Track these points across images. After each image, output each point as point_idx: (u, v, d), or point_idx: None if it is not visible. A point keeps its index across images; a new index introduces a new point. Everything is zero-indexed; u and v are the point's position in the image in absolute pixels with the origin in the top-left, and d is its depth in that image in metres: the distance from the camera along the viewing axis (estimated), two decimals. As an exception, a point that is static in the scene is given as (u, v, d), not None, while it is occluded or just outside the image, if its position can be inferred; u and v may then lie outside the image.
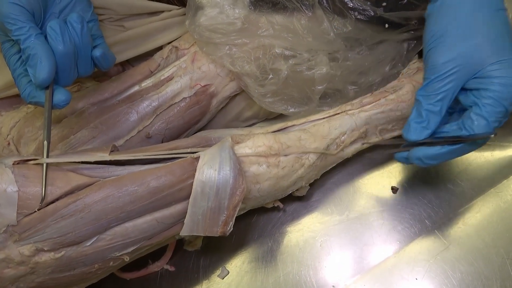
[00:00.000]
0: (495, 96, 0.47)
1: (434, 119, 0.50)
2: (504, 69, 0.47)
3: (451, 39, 0.49)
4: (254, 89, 0.61)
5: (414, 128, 0.51)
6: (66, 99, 0.50)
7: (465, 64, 0.48)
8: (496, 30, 0.48)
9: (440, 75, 0.49)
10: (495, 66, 0.48)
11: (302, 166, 0.56)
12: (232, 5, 0.59)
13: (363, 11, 0.59)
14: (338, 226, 0.63)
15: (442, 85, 0.49)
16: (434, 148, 0.51)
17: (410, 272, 0.59)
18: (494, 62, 0.48)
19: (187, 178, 0.50)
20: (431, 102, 0.50)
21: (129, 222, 0.50)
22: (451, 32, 0.49)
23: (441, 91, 0.49)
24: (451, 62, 0.49)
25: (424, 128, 0.51)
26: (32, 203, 0.46)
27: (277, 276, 0.60)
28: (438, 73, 0.49)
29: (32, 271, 0.48)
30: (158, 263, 0.62)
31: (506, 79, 0.47)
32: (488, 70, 0.48)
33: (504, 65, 0.48)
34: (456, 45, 0.49)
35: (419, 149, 0.52)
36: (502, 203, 0.62)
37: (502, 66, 0.48)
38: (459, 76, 0.49)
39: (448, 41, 0.49)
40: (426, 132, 0.51)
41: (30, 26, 0.48)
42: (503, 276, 0.57)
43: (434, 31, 0.50)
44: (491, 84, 0.48)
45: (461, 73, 0.49)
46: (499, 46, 0.48)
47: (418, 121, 0.51)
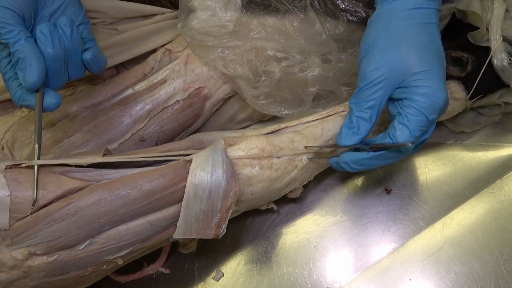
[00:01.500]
0: (417, 106, 0.49)
1: (364, 125, 0.51)
2: (426, 79, 0.49)
3: (380, 48, 0.50)
4: (247, 91, 0.61)
5: (345, 134, 0.52)
6: (56, 102, 0.50)
7: (391, 73, 0.49)
8: (423, 42, 0.50)
9: (368, 83, 0.50)
10: (418, 76, 0.49)
11: (295, 168, 0.56)
12: (223, 8, 0.59)
13: (355, 13, 0.59)
14: (332, 227, 0.63)
15: (371, 93, 0.50)
16: (360, 154, 0.52)
17: (404, 273, 0.59)
18: (417, 72, 0.49)
19: (180, 181, 0.51)
20: (361, 109, 0.51)
21: (122, 225, 0.50)
22: (380, 42, 0.50)
23: (370, 98, 0.50)
24: (378, 70, 0.50)
25: (355, 133, 0.52)
26: (24, 207, 0.46)
27: (271, 277, 0.60)
28: (367, 81, 0.50)
29: (25, 275, 0.48)
30: (153, 266, 0.63)
31: (427, 89, 0.48)
32: (412, 80, 0.49)
33: (427, 75, 0.49)
34: (383, 55, 0.50)
35: (347, 153, 0.53)
36: (496, 203, 0.62)
37: (425, 76, 0.49)
38: (386, 84, 0.50)
39: (377, 51, 0.50)
40: (356, 138, 0.52)
41: (19, 30, 0.48)
42: (497, 276, 0.57)
43: (366, 41, 0.52)
44: (413, 94, 0.49)
45: (387, 81, 0.50)
46: (424, 57, 0.49)
47: (349, 127, 0.52)
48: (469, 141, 0.67)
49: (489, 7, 0.58)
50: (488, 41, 0.59)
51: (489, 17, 0.58)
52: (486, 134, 0.67)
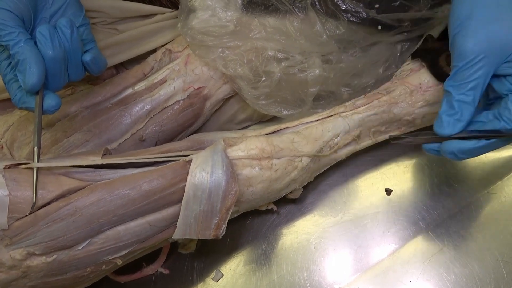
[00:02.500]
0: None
1: (467, 109, 0.46)
2: None
3: (478, 21, 0.45)
4: (247, 92, 0.61)
5: (446, 122, 0.47)
6: (56, 104, 0.50)
7: (494, 47, 0.45)
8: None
9: (468, 61, 0.45)
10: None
11: (295, 168, 0.56)
12: (224, 8, 0.59)
13: (355, 13, 0.59)
14: (332, 228, 0.63)
15: (472, 72, 0.45)
16: (470, 143, 0.47)
17: (404, 274, 0.58)
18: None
19: (179, 181, 0.50)
20: (462, 91, 0.46)
21: (121, 225, 0.50)
22: (477, 14, 0.45)
23: (472, 79, 0.45)
24: (478, 46, 0.45)
25: (458, 120, 0.47)
26: (23, 207, 0.46)
27: (271, 278, 0.60)
28: (466, 59, 0.45)
29: (24, 275, 0.48)
30: (153, 266, 0.62)
31: None
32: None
33: None
34: (483, 28, 0.45)
35: (453, 143, 0.47)
36: (497, 204, 0.62)
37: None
38: (489, 61, 0.45)
39: (474, 24, 0.45)
40: (460, 125, 0.47)
41: (19, 31, 0.48)
42: (497, 278, 0.57)
43: (458, 13, 0.46)
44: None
45: (491, 57, 0.45)
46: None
47: (450, 114, 0.47)
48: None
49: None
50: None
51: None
52: (487, 135, 0.66)
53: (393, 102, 0.59)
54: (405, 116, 0.60)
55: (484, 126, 0.47)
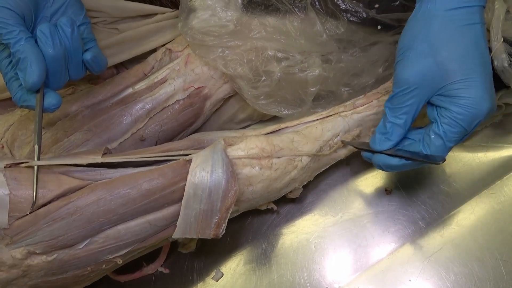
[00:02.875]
0: (454, 118, 0.47)
1: (397, 131, 0.51)
2: (466, 88, 0.46)
3: (416, 53, 0.48)
4: (247, 91, 0.61)
5: (378, 139, 0.52)
6: (57, 102, 0.50)
7: (427, 80, 0.48)
8: (464, 47, 0.47)
9: (402, 89, 0.49)
10: (458, 85, 0.46)
11: (295, 168, 0.56)
12: (224, 8, 0.59)
13: (355, 13, 0.59)
14: (332, 227, 0.63)
15: (405, 99, 0.49)
16: (394, 160, 0.52)
17: (404, 274, 0.58)
18: (457, 80, 0.46)
19: (180, 181, 0.51)
20: (395, 114, 0.50)
21: (121, 224, 0.50)
22: (417, 46, 0.48)
23: (405, 105, 0.49)
24: (413, 77, 0.48)
25: (387, 139, 0.52)
26: (24, 206, 0.46)
27: (271, 278, 0.60)
28: (401, 87, 0.49)
29: (24, 274, 0.48)
30: (153, 266, 0.62)
31: (467, 100, 0.46)
32: (450, 88, 0.47)
33: (468, 84, 0.46)
34: (419, 60, 0.48)
35: (381, 156, 0.53)
36: (496, 204, 0.62)
37: (465, 85, 0.46)
38: (421, 91, 0.48)
39: (412, 56, 0.48)
40: (389, 143, 0.52)
41: (20, 30, 0.48)
42: (496, 277, 0.57)
43: (402, 43, 0.50)
44: (451, 104, 0.47)
45: (423, 89, 0.48)
46: (465, 64, 0.47)
47: (383, 132, 0.52)
48: (469, 142, 0.66)
49: (489, 8, 0.58)
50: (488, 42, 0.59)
51: (489, 17, 0.58)
52: (487, 135, 0.66)
53: (392, 101, 0.59)
54: (404, 115, 0.60)
55: (411, 145, 0.52)
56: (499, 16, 0.57)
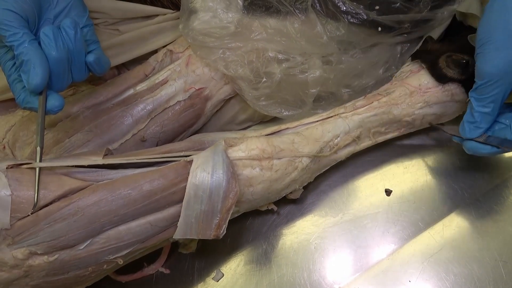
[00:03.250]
0: None
1: (486, 119, 0.52)
2: None
3: (496, 46, 0.49)
4: (248, 93, 0.61)
5: (467, 128, 0.53)
6: (59, 104, 0.50)
7: (509, 72, 0.48)
8: None
9: (486, 81, 0.50)
10: None
11: (296, 169, 0.57)
12: (225, 9, 0.59)
13: (356, 15, 0.59)
14: (332, 228, 0.63)
15: (490, 90, 0.50)
16: (485, 147, 0.53)
17: (403, 274, 0.59)
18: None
19: (180, 182, 0.51)
20: (482, 104, 0.51)
21: (122, 225, 0.50)
22: (496, 39, 0.49)
23: (490, 94, 0.50)
24: (494, 70, 0.49)
25: (477, 127, 0.53)
26: (25, 207, 0.46)
27: (271, 278, 0.61)
28: (483, 80, 0.50)
29: (26, 274, 0.48)
30: (153, 266, 0.63)
31: None
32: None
33: None
34: (499, 54, 0.48)
35: (472, 143, 0.54)
36: (496, 205, 0.62)
37: None
38: (505, 82, 0.49)
39: (493, 48, 0.49)
40: (479, 131, 0.53)
41: (23, 32, 0.48)
42: (496, 278, 0.57)
43: (480, 36, 0.50)
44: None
45: (506, 79, 0.49)
46: None
47: (471, 121, 0.53)
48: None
49: (489, 10, 0.58)
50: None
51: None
52: (486, 136, 0.67)
53: (393, 103, 0.59)
54: (404, 117, 0.60)
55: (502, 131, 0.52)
56: None
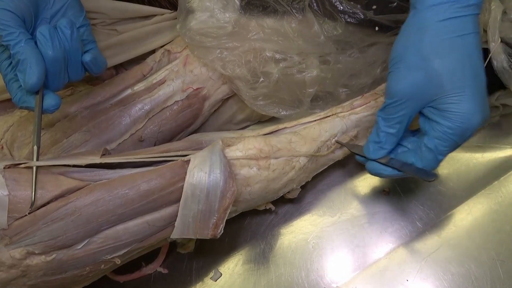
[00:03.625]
0: (444, 131, 0.47)
1: (390, 140, 0.52)
2: (456, 103, 0.46)
3: (407, 66, 0.48)
4: (246, 92, 0.61)
5: (372, 148, 0.53)
6: (56, 104, 0.50)
7: (418, 93, 0.48)
8: (457, 60, 0.46)
9: (394, 101, 0.49)
10: (448, 99, 0.46)
11: (293, 168, 0.57)
12: (222, 9, 0.59)
13: (353, 14, 0.59)
14: (330, 228, 0.63)
15: (397, 110, 0.49)
16: (387, 169, 0.53)
17: (401, 274, 0.59)
18: (447, 95, 0.46)
19: (178, 181, 0.51)
20: (388, 124, 0.51)
21: (120, 225, 0.50)
22: (408, 59, 0.48)
23: (397, 115, 0.50)
24: (404, 89, 0.48)
25: (381, 148, 0.52)
26: (23, 206, 0.47)
27: (269, 278, 0.61)
28: (393, 99, 0.49)
29: (24, 274, 0.48)
30: (152, 266, 0.63)
31: (457, 116, 0.46)
32: (441, 102, 0.47)
33: (458, 99, 0.46)
34: (410, 73, 0.47)
35: (374, 164, 0.54)
36: (493, 204, 0.62)
37: (455, 100, 0.46)
38: (412, 104, 0.49)
39: (403, 68, 0.48)
40: (382, 152, 0.53)
41: (20, 32, 0.48)
42: (493, 277, 0.57)
43: (394, 54, 0.49)
44: (442, 118, 0.47)
45: (414, 101, 0.48)
46: (456, 77, 0.46)
47: (376, 141, 0.52)
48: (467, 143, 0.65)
49: (486, 9, 0.59)
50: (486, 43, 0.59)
51: (486, 18, 0.58)
52: (484, 135, 0.67)
53: (390, 102, 0.59)
54: (402, 116, 0.60)
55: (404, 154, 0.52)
56: (496, 17, 0.58)
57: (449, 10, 0.46)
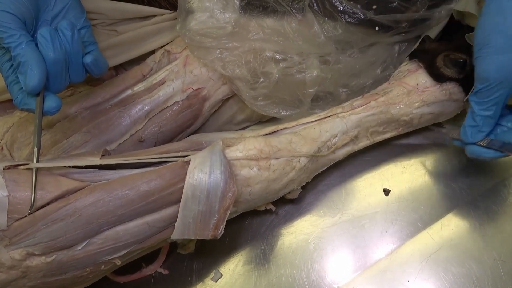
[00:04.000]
0: None
1: (487, 122, 0.52)
2: None
3: (494, 50, 0.48)
4: (246, 93, 0.61)
5: (469, 132, 0.53)
6: (57, 106, 0.50)
7: (509, 75, 0.48)
8: None
9: (486, 85, 0.50)
10: None
11: (293, 169, 0.56)
12: (222, 9, 0.59)
13: (353, 14, 0.59)
14: (331, 228, 0.63)
15: (490, 93, 0.50)
16: (489, 152, 0.53)
17: (402, 274, 0.59)
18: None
19: (178, 182, 0.51)
20: (483, 107, 0.51)
21: (120, 226, 0.50)
22: (494, 43, 0.48)
23: (491, 98, 0.50)
24: (494, 74, 0.49)
25: (479, 131, 0.52)
26: (23, 207, 0.46)
27: (270, 278, 0.61)
28: (483, 84, 0.50)
29: (24, 275, 0.48)
30: (152, 267, 0.63)
31: None
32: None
33: None
34: (497, 57, 0.48)
35: (474, 147, 0.54)
36: (494, 205, 0.62)
37: None
38: (505, 85, 0.49)
39: (490, 53, 0.49)
40: (481, 135, 0.53)
41: (21, 34, 0.48)
42: (494, 278, 0.57)
43: (477, 39, 0.50)
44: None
45: (506, 83, 0.49)
46: None
47: (473, 125, 0.53)
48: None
49: (486, 9, 0.58)
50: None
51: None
52: (485, 135, 0.66)
53: (390, 102, 0.59)
54: (402, 116, 0.60)
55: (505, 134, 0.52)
56: None
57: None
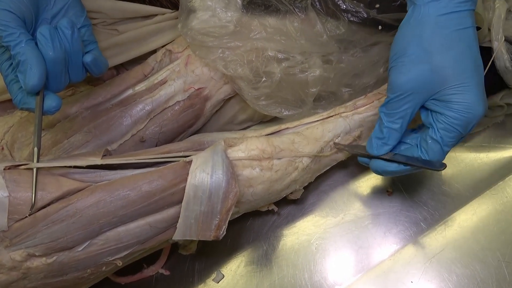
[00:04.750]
0: (450, 122, 0.48)
1: (393, 135, 0.52)
2: (461, 94, 0.47)
3: (410, 60, 0.48)
4: (248, 92, 0.61)
5: (375, 144, 0.53)
6: (56, 105, 0.50)
7: (421, 86, 0.48)
8: (458, 52, 0.47)
9: (398, 95, 0.49)
10: (452, 90, 0.47)
11: (296, 169, 0.56)
12: (224, 8, 0.59)
13: (356, 13, 0.59)
14: (333, 229, 0.62)
15: (401, 104, 0.50)
16: (392, 165, 0.53)
17: (405, 275, 0.58)
18: (451, 86, 0.47)
19: (180, 182, 0.50)
20: (391, 119, 0.51)
21: (121, 226, 0.50)
22: (410, 53, 0.48)
23: (400, 110, 0.50)
24: (407, 83, 0.48)
25: (384, 144, 0.52)
26: (23, 208, 0.46)
27: (272, 279, 0.60)
28: (396, 93, 0.49)
29: (24, 276, 0.48)
30: (153, 267, 0.62)
31: (462, 105, 0.47)
32: (445, 94, 0.48)
33: (462, 89, 0.47)
34: (413, 67, 0.48)
35: (379, 162, 0.53)
36: (498, 205, 0.61)
37: (459, 90, 0.47)
38: (416, 97, 0.49)
39: (406, 62, 0.48)
40: (386, 148, 0.52)
41: (20, 32, 0.48)
42: (499, 279, 0.57)
43: (395, 49, 0.50)
44: (446, 109, 0.48)
45: (418, 94, 0.49)
46: (459, 69, 0.47)
47: (379, 137, 0.52)
48: (471, 143, 0.66)
49: (490, 7, 0.58)
50: (490, 42, 0.59)
51: (490, 17, 0.58)
52: (489, 135, 0.66)
53: (394, 102, 0.59)
54: (406, 116, 0.59)
55: (408, 150, 0.52)
56: (500, 15, 0.57)
57: (449, 5, 0.47)
